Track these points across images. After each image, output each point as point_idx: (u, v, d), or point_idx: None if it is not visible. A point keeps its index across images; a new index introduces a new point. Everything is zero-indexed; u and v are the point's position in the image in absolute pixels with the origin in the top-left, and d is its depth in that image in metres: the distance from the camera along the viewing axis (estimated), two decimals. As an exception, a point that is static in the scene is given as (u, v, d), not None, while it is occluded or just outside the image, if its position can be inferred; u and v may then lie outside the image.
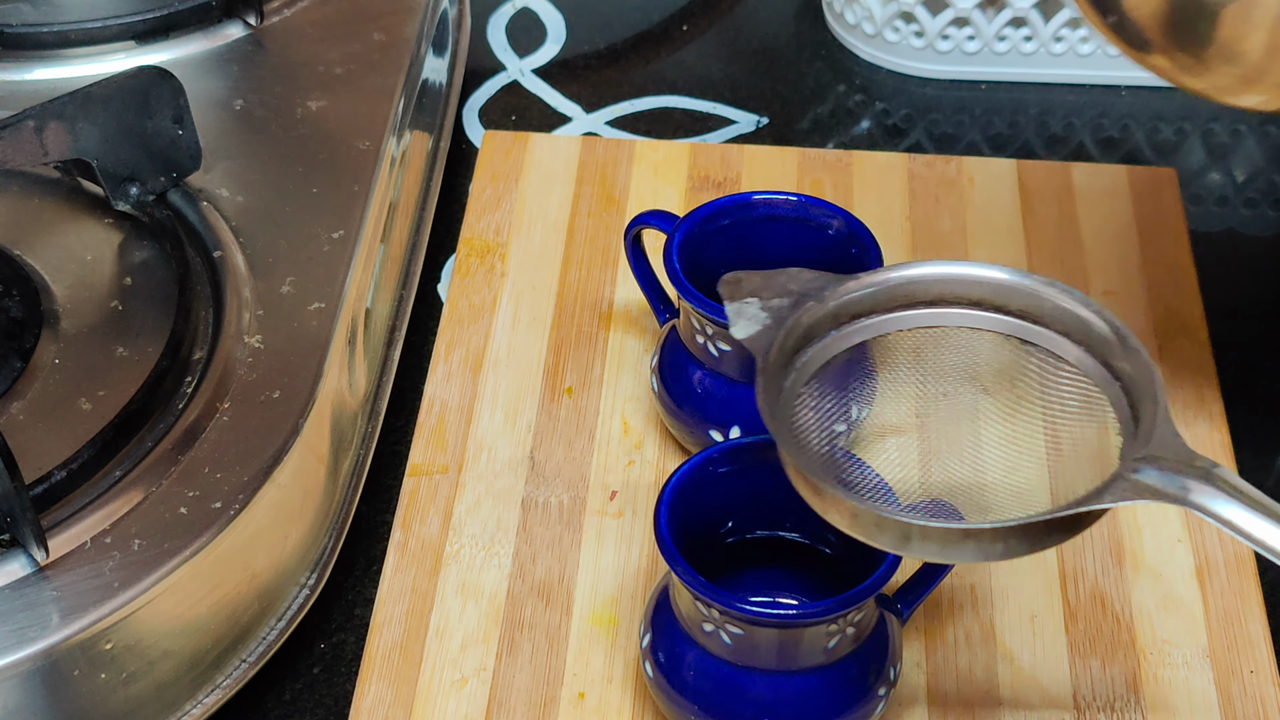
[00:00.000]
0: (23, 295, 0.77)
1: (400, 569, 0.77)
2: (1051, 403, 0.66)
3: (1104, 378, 0.64)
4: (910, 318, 0.66)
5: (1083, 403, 0.65)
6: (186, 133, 0.80)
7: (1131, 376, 0.63)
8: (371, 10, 0.92)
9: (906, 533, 0.59)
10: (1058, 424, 0.66)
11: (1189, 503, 0.58)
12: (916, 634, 0.74)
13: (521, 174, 0.94)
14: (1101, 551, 0.78)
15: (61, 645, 0.64)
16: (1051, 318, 0.65)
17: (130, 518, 0.67)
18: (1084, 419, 0.65)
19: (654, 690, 0.69)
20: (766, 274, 0.65)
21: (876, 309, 0.66)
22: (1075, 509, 0.59)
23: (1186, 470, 0.59)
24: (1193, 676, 0.73)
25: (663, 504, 0.67)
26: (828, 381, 0.65)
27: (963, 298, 0.66)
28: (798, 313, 0.64)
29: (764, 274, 0.65)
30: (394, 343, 0.84)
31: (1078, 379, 0.65)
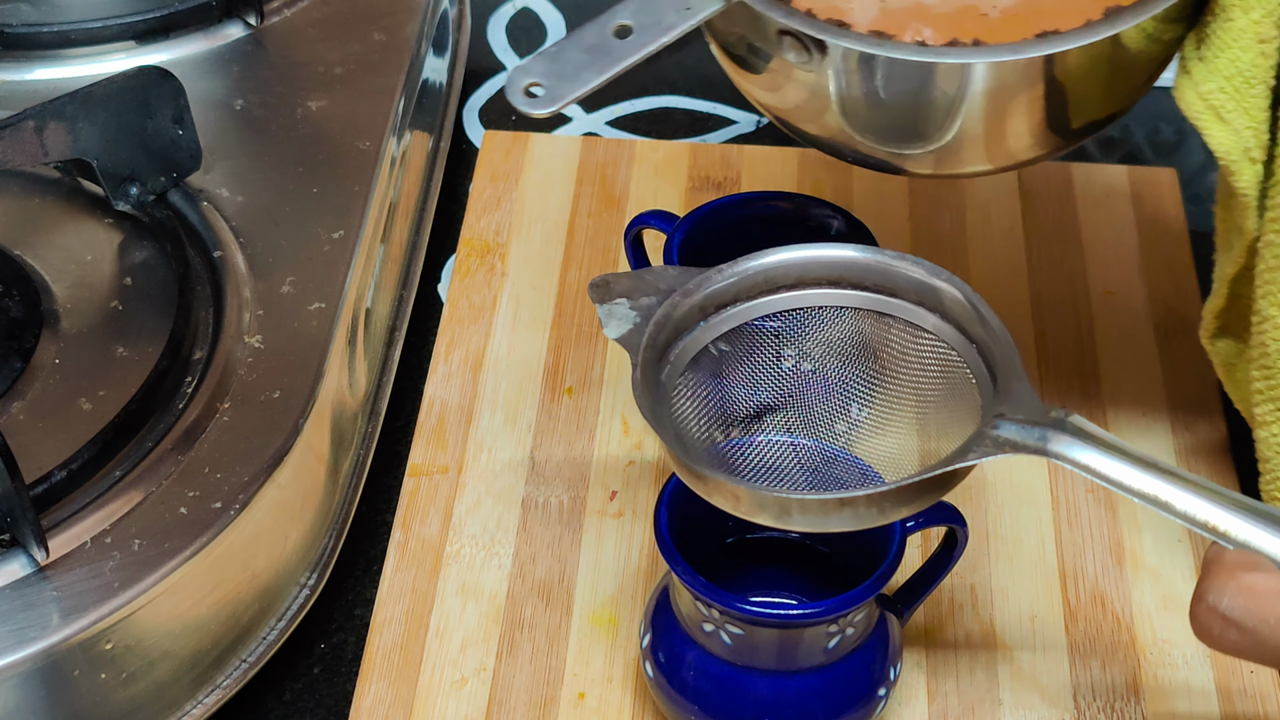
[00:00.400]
0: (23, 295, 0.77)
1: (400, 569, 0.77)
2: (915, 370, 0.68)
3: (961, 343, 0.66)
4: (773, 302, 0.68)
5: (944, 368, 0.67)
6: (186, 133, 0.80)
7: (986, 340, 0.65)
8: (371, 10, 0.92)
9: (787, 507, 0.61)
10: (922, 390, 0.68)
11: (1048, 452, 0.60)
12: (916, 634, 0.74)
13: (522, 174, 0.94)
14: (1101, 551, 0.78)
15: (61, 645, 0.64)
16: (906, 290, 0.67)
17: (130, 518, 0.67)
18: (946, 383, 0.67)
19: (654, 690, 0.69)
20: (634, 274, 0.67)
21: (740, 297, 0.68)
22: (941, 469, 0.61)
23: (1043, 421, 0.61)
24: (1193, 676, 0.73)
25: (663, 504, 0.67)
26: (701, 371, 0.68)
27: (821, 278, 0.68)
28: (666, 308, 0.66)
29: (631, 274, 0.67)
30: (394, 343, 0.84)
31: (937, 345, 0.67)
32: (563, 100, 0.65)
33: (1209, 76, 0.67)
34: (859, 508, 0.61)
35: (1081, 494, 0.80)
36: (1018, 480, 0.80)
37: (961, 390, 0.66)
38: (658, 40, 0.66)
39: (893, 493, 0.61)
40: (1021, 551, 0.78)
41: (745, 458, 0.68)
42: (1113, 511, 0.79)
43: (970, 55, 0.65)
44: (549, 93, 0.65)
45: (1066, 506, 0.79)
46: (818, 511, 0.61)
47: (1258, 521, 0.58)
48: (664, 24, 0.66)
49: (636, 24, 0.66)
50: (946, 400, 0.67)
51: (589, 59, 0.65)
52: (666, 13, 0.66)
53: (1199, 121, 0.68)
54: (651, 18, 0.66)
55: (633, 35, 0.65)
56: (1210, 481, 0.59)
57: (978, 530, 0.78)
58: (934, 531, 0.76)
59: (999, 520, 0.79)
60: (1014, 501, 0.79)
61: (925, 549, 0.77)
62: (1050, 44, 0.64)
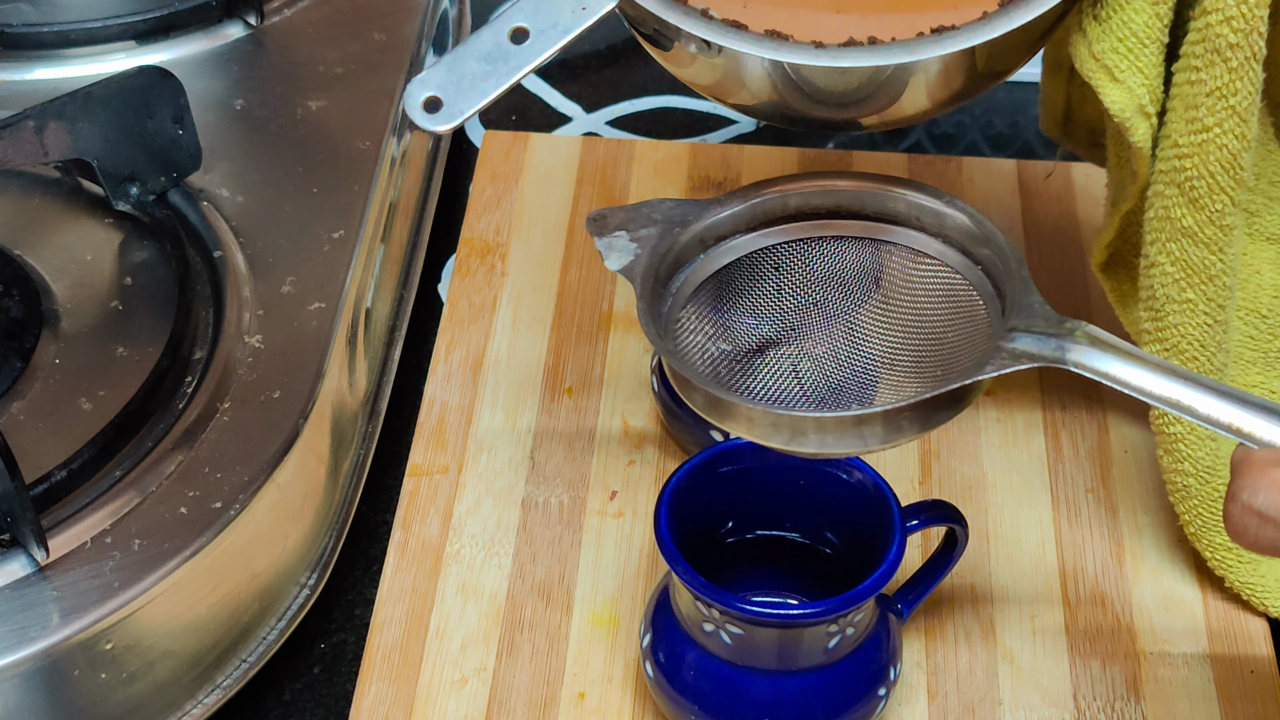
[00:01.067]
0: (23, 295, 0.77)
1: (400, 569, 0.77)
2: (919, 296, 0.68)
3: (966, 265, 0.66)
4: (774, 233, 0.68)
5: (949, 291, 0.67)
6: (187, 132, 0.80)
7: (991, 258, 0.65)
8: (372, 10, 0.92)
9: (802, 427, 0.60)
10: (928, 315, 0.67)
11: (1066, 361, 0.60)
12: (916, 634, 0.74)
13: (522, 174, 0.94)
14: (1102, 552, 0.78)
15: (62, 645, 0.64)
16: (906, 215, 0.67)
17: (130, 518, 0.67)
18: (952, 307, 0.67)
19: (654, 690, 0.69)
20: (630, 207, 0.67)
21: (740, 229, 0.68)
22: (960, 383, 0.60)
23: (1059, 332, 0.61)
24: (1193, 676, 0.73)
25: (663, 504, 0.67)
26: (704, 303, 0.68)
27: (820, 208, 0.68)
28: (666, 240, 0.66)
29: (627, 208, 0.67)
30: (394, 343, 0.84)
31: (940, 270, 0.67)
32: (464, 115, 0.64)
33: (1103, 36, 0.67)
34: (876, 426, 0.60)
35: (1081, 494, 0.80)
36: (1018, 480, 0.80)
37: (969, 312, 0.65)
38: (556, 43, 0.64)
39: (910, 408, 0.60)
40: (1021, 551, 0.78)
41: (751, 390, 0.67)
42: (1113, 511, 0.79)
43: (866, 58, 0.64)
44: (449, 107, 0.64)
45: (1066, 506, 0.79)
46: (834, 430, 0.60)
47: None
48: (561, 25, 0.64)
49: (533, 26, 0.64)
50: (954, 323, 0.66)
51: (487, 68, 0.64)
52: (563, 13, 0.65)
53: (1093, 80, 0.68)
54: (548, 19, 0.64)
55: (530, 39, 0.64)
56: (1231, 387, 0.58)
57: (978, 530, 0.78)
58: (934, 531, 0.76)
59: (999, 520, 0.79)
60: (1014, 501, 0.79)
61: (925, 549, 0.77)
62: (946, 43, 0.64)
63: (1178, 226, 0.69)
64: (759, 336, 0.69)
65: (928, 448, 0.81)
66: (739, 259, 0.68)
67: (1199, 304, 0.71)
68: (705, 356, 0.67)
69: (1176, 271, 0.70)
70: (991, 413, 0.83)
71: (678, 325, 0.66)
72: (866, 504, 0.68)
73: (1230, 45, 0.65)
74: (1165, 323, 0.72)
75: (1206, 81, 0.66)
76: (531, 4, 0.64)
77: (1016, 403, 0.83)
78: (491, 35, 0.64)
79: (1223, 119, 0.66)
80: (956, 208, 0.66)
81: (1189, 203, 0.68)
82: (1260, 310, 0.79)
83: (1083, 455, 0.81)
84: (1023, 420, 0.83)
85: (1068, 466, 0.81)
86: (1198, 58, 0.66)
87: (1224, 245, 0.69)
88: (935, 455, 0.81)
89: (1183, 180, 0.68)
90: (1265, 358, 0.79)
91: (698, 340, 0.67)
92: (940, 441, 0.82)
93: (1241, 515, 0.56)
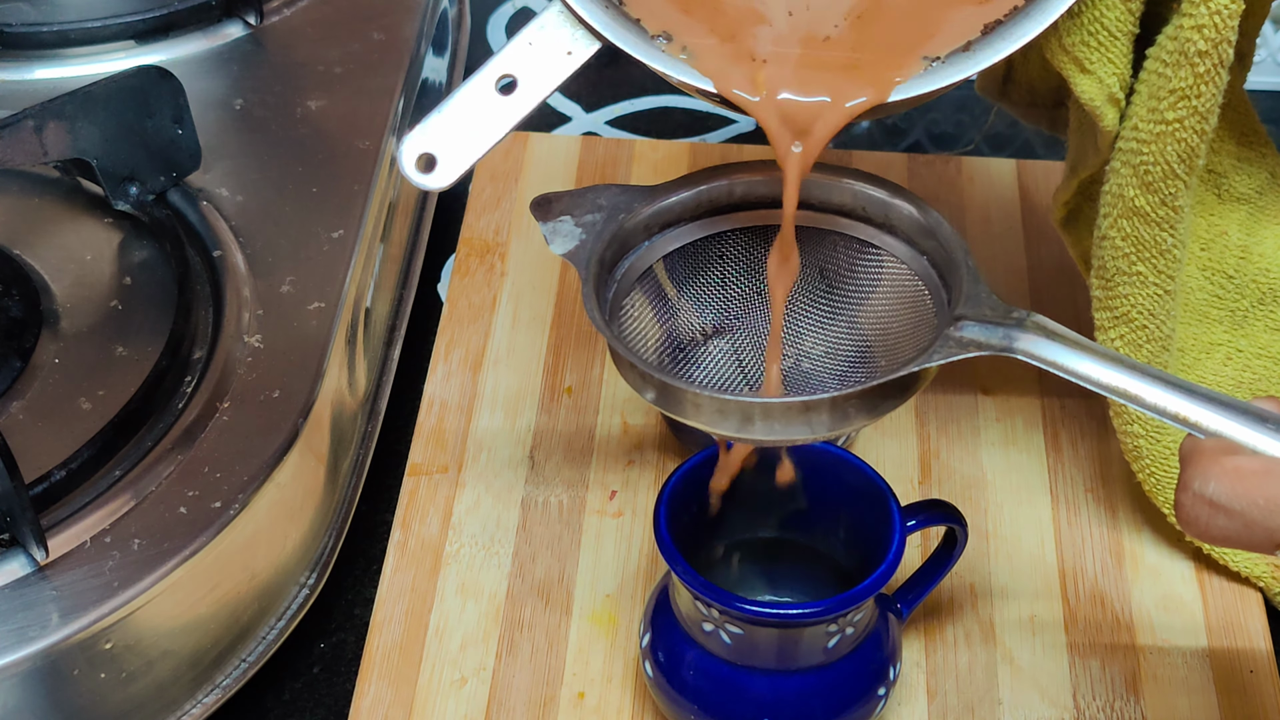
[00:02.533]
0: (22, 295, 0.77)
1: (400, 569, 0.77)
2: (865, 286, 0.68)
3: (911, 256, 0.66)
4: (719, 221, 0.68)
5: (893, 280, 0.67)
6: (186, 132, 0.80)
7: (937, 249, 0.65)
8: (371, 10, 0.92)
9: (749, 413, 0.60)
10: (872, 303, 0.68)
11: (1014, 350, 0.60)
12: (916, 634, 0.74)
13: (521, 173, 0.94)
14: (1101, 551, 0.78)
15: (61, 645, 0.64)
16: (852, 206, 0.67)
17: (130, 517, 0.67)
18: (897, 294, 0.67)
19: (654, 690, 0.69)
20: (575, 192, 0.67)
21: (685, 216, 0.68)
22: (907, 370, 0.60)
23: (1006, 320, 0.61)
24: (1193, 676, 0.73)
25: (662, 504, 0.67)
26: (649, 290, 0.68)
27: (765, 197, 0.68)
28: (611, 226, 0.66)
29: (573, 192, 0.67)
30: (394, 342, 0.84)
31: (885, 260, 0.67)
32: (460, 171, 0.64)
33: (1073, 29, 0.67)
34: (823, 413, 0.60)
35: (1081, 494, 0.80)
36: (1017, 480, 0.80)
37: (914, 302, 0.66)
38: (544, 91, 0.64)
39: (858, 395, 0.60)
40: (1021, 551, 0.78)
41: (695, 378, 0.68)
42: (1113, 511, 0.79)
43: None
44: (443, 165, 0.64)
45: (1066, 506, 0.79)
46: (781, 416, 0.60)
47: (1227, 412, 0.57)
48: (547, 73, 0.64)
49: (520, 75, 0.64)
50: (899, 313, 0.66)
51: (479, 121, 0.64)
52: (548, 60, 0.64)
53: (1063, 71, 0.68)
54: (534, 67, 0.64)
55: (518, 89, 0.64)
56: (1178, 377, 0.59)
57: (978, 530, 0.78)
58: (934, 531, 0.76)
59: (999, 520, 0.79)
60: (1014, 501, 0.79)
61: (925, 549, 0.77)
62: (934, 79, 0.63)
63: (1130, 205, 0.70)
64: (704, 325, 0.69)
65: (927, 447, 0.81)
66: (684, 246, 0.68)
67: (1149, 276, 0.72)
68: (650, 343, 0.67)
69: (1127, 246, 0.71)
70: (991, 413, 0.83)
71: (622, 312, 0.66)
72: (866, 504, 0.68)
73: (1200, 52, 0.65)
74: (1115, 293, 0.72)
75: (1172, 79, 0.66)
76: (517, 51, 0.64)
77: (1016, 402, 0.83)
78: (480, 86, 0.64)
79: (1183, 116, 0.67)
80: (903, 197, 0.66)
81: (1143, 186, 0.69)
82: (1226, 270, 0.80)
83: (1082, 455, 0.81)
84: (1023, 420, 0.83)
85: (1068, 466, 0.81)
86: (1168, 55, 0.66)
87: (1175, 223, 0.70)
88: (935, 455, 0.81)
89: (1138, 163, 0.68)
90: (1232, 316, 0.80)
91: (643, 327, 0.67)
92: (940, 441, 0.82)
93: (1193, 505, 0.56)
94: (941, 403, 0.83)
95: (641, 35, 0.64)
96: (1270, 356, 0.80)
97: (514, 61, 0.64)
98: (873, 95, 0.62)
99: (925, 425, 0.82)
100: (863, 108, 0.62)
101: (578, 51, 0.64)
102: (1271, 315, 0.80)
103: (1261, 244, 0.80)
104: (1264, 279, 0.80)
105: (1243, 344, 0.80)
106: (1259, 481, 0.55)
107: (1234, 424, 0.57)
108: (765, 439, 0.61)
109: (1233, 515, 0.55)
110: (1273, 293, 0.80)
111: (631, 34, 0.64)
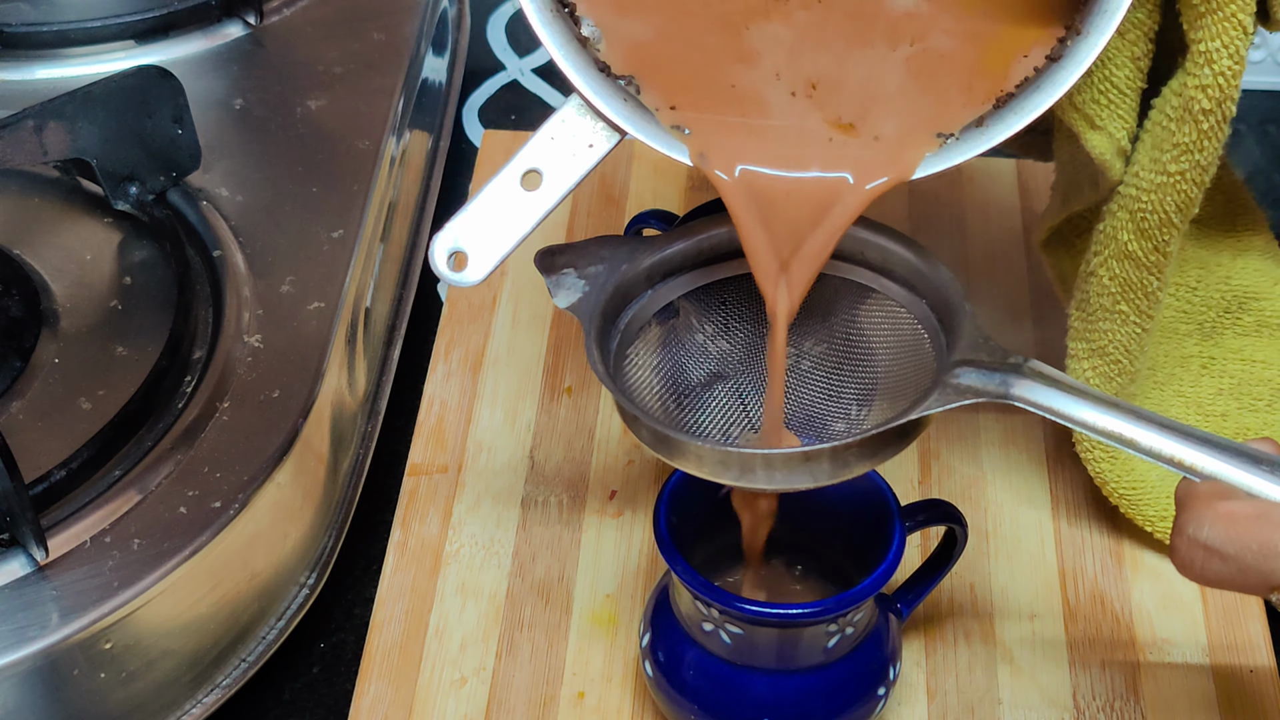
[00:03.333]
0: (22, 295, 0.77)
1: (400, 568, 0.77)
2: (865, 331, 0.69)
3: (910, 300, 0.67)
4: (720, 269, 0.69)
5: (895, 326, 0.67)
6: (186, 132, 0.80)
7: (936, 292, 0.65)
8: (371, 10, 0.92)
9: (750, 464, 0.61)
10: (874, 349, 0.68)
11: (1010, 397, 0.61)
12: (916, 633, 0.74)
13: (521, 173, 0.94)
14: (1101, 551, 0.78)
15: (61, 644, 0.64)
16: (851, 251, 0.67)
17: (130, 517, 0.67)
18: (898, 341, 0.67)
19: (654, 690, 0.69)
20: (579, 245, 0.68)
21: (686, 265, 0.68)
22: (905, 418, 0.61)
23: (1003, 367, 0.61)
24: (1192, 676, 0.73)
25: (662, 503, 0.67)
26: (651, 339, 0.68)
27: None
28: (614, 277, 0.66)
29: (576, 245, 0.68)
30: (393, 342, 0.84)
31: (885, 304, 0.67)
32: (491, 267, 0.65)
33: (1084, 88, 0.68)
34: (823, 461, 0.61)
35: (1081, 494, 0.80)
36: (1017, 480, 0.80)
37: (914, 347, 0.66)
38: (569, 183, 0.65)
39: (857, 445, 0.61)
40: (1021, 551, 0.78)
41: (700, 425, 0.68)
42: (1113, 511, 0.79)
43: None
44: (474, 262, 0.65)
45: (1066, 506, 0.79)
46: (782, 467, 0.61)
47: (1223, 455, 0.58)
48: (571, 167, 0.64)
49: (544, 170, 0.64)
50: (900, 357, 0.67)
51: (506, 217, 0.65)
52: (571, 153, 0.65)
53: (1074, 127, 0.69)
54: (557, 161, 0.65)
55: (544, 183, 0.64)
56: (1173, 420, 0.59)
57: (977, 530, 0.78)
58: (934, 531, 0.76)
59: (999, 520, 0.79)
60: (1014, 501, 0.79)
61: (925, 549, 0.77)
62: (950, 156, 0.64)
63: (1122, 249, 0.71)
64: (707, 371, 0.69)
65: (927, 447, 0.81)
66: (685, 294, 0.68)
67: (1130, 315, 0.73)
68: (653, 391, 0.68)
69: (1114, 286, 0.72)
70: (991, 413, 0.83)
71: (626, 361, 0.67)
72: (866, 504, 0.68)
73: (1203, 110, 0.66)
74: (1095, 327, 0.73)
75: (1175, 134, 0.67)
76: (540, 146, 0.64)
77: (1016, 402, 0.83)
78: (505, 183, 0.65)
79: (1185, 169, 0.68)
80: (902, 243, 0.66)
81: (1138, 232, 0.70)
82: (1189, 284, 0.81)
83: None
84: (1022, 420, 0.83)
85: (1067, 466, 0.81)
86: (1172, 110, 0.67)
87: (1163, 268, 0.71)
88: (935, 455, 0.81)
89: (1135, 209, 0.69)
90: (1200, 328, 0.81)
91: (645, 375, 0.68)
92: (940, 441, 0.82)
93: (1189, 549, 0.57)
94: (941, 403, 0.83)
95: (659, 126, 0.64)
96: (1244, 359, 0.80)
97: (537, 157, 0.65)
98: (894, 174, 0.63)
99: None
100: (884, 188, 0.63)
101: (599, 144, 0.65)
102: (1239, 321, 0.81)
103: (1219, 255, 0.82)
104: (1225, 287, 0.81)
105: (1215, 352, 0.81)
106: (1253, 526, 0.56)
107: (1228, 466, 0.58)
108: (768, 487, 0.62)
109: (1227, 560, 0.56)
110: (1236, 300, 0.81)
111: (651, 125, 0.64)
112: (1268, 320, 0.81)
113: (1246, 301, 0.81)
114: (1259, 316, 0.81)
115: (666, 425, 0.63)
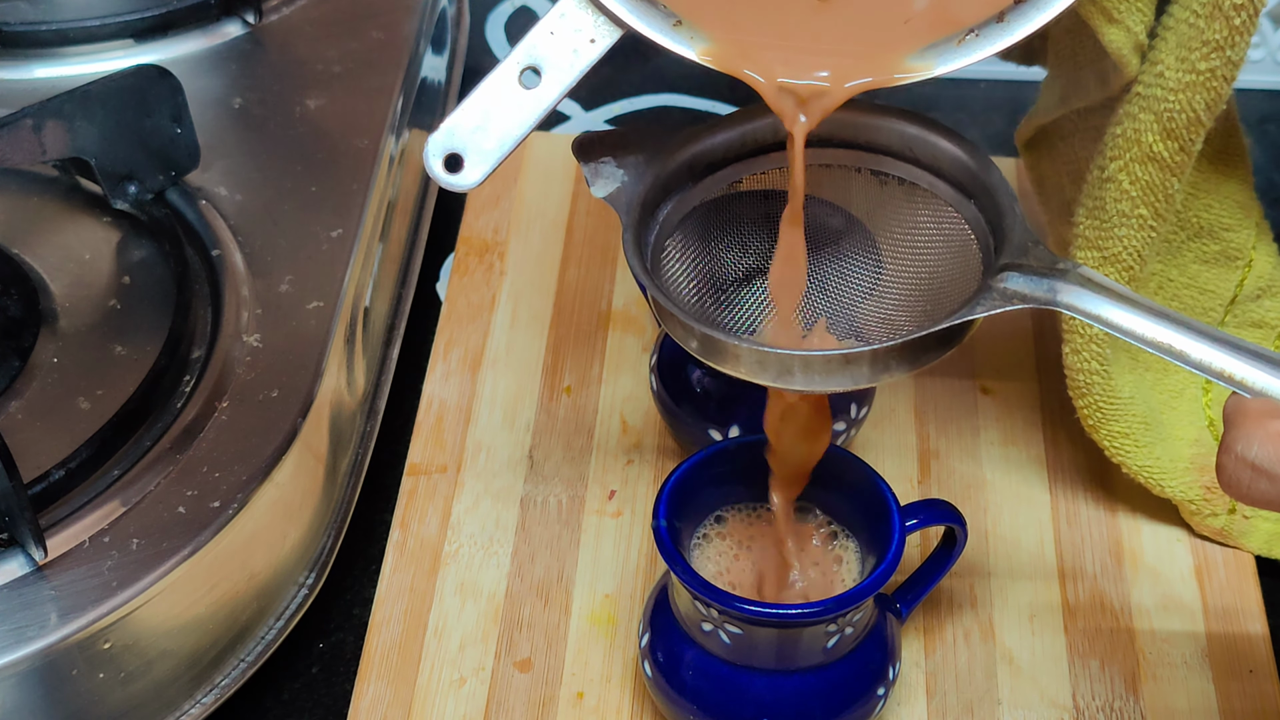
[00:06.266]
0: (21, 294, 0.77)
1: (399, 568, 0.77)
2: (910, 229, 0.66)
3: (958, 199, 0.65)
4: (762, 161, 0.67)
5: (940, 225, 0.65)
6: (185, 131, 0.80)
7: (986, 193, 0.64)
8: (370, 8, 0.92)
9: (789, 365, 0.59)
10: (918, 247, 0.66)
11: (1058, 303, 0.59)
12: (916, 634, 0.74)
13: (520, 173, 0.94)
14: (1101, 551, 0.78)
15: (60, 644, 0.64)
16: (900, 146, 0.66)
17: (128, 517, 0.67)
18: (944, 241, 0.65)
19: (653, 690, 0.69)
20: (618, 131, 0.66)
21: (729, 156, 0.66)
22: (950, 323, 0.59)
23: (1051, 272, 0.59)
24: (1192, 676, 0.73)
25: (661, 503, 0.67)
26: (691, 232, 0.66)
27: (811, 136, 0.65)
28: (654, 167, 0.64)
29: (615, 132, 0.66)
30: (393, 342, 0.84)
31: (933, 202, 0.66)
32: (487, 169, 0.62)
33: None
34: (863, 365, 0.59)
35: (1081, 493, 0.80)
36: (1017, 480, 0.80)
37: (960, 248, 0.64)
38: (568, 80, 0.62)
39: (899, 348, 0.59)
40: (1021, 551, 0.78)
41: (737, 323, 0.66)
42: (1112, 511, 0.79)
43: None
44: (470, 164, 0.62)
45: (1066, 506, 0.79)
46: (821, 369, 0.59)
47: (1277, 371, 0.56)
48: (571, 62, 0.62)
49: (542, 65, 0.62)
50: (945, 259, 0.65)
51: (503, 115, 0.62)
52: (571, 48, 0.62)
53: (1090, 21, 0.68)
54: (556, 56, 0.62)
55: (541, 80, 0.62)
56: (1226, 333, 0.57)
57: (977, 530, 0.78)
58: (933, 531, 0.76)
59: (999, 520, 0.79)
60: (1014, 501, 0.79)
61: (925, 548, 0.77)
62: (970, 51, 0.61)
63: (1147, 151, 0.69)
64: (746, 266, 0.67)
65: (926, 447, 0.81)
66: (728, 187, 0.66)
67: (1149, 219, 0.71)
68: (691, 286, 0.65)
69: (1135, 190, 0.70)
70: (991, 412, 0.83)
71: (663, 255, 0.65)
72: (865, 503, 0.68)
73: (1235, 5, 0.65)
74: (1111, 234, 0.72)
75: (1205, 31, 0.66)
76: (539, 41, 0.62)
77: (1016, 403, 0.83)
78: (502, 79, 0.62)
79: (1216, 66, 0.66)
80: (953, 140, 0.64)
81: (1164, 133, 0.68)
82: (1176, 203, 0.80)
83: (1082, 454, 0.81)
84: (1022, 420, 0.83)
85: (1067, 466, 0.81)
86: (1200, 6, 0.66)
87: (1186, 168, 0.70)
88: (934, 454, 0.81)
89: (1162, 110, 0.68)
90: (1167, 245, 0.79)
91: (683, 270, 0.65)
92: (940, 441, 0.82)
93: (1235, 467, 0.55)
94: (941, 402, 0.83)
95: (660, 18, 0.62)
96: (1197, 288, 0.79)
97: (535, 51, 0.62)
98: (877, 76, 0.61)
99: (924, 424, 0.82)
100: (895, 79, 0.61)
101: (600, 38, 0.62)
102: (1204, 248, 0.80)
103: (1209, 181, 0.79)
104: (1206, 214, 0.79)
105: (1174, 274, 0.79)
106: None
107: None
108: (805, 389, 0.60)
109: (1275, 480, 0.54)
110: (1209, 228, 0.79)
111: (654, 18, 0.62)
112: (1230, 252, 0.80)
113: (1216, 230, 0.80)
114: (1224, 246, 0.80)
115: (705, 324, 0.60)
